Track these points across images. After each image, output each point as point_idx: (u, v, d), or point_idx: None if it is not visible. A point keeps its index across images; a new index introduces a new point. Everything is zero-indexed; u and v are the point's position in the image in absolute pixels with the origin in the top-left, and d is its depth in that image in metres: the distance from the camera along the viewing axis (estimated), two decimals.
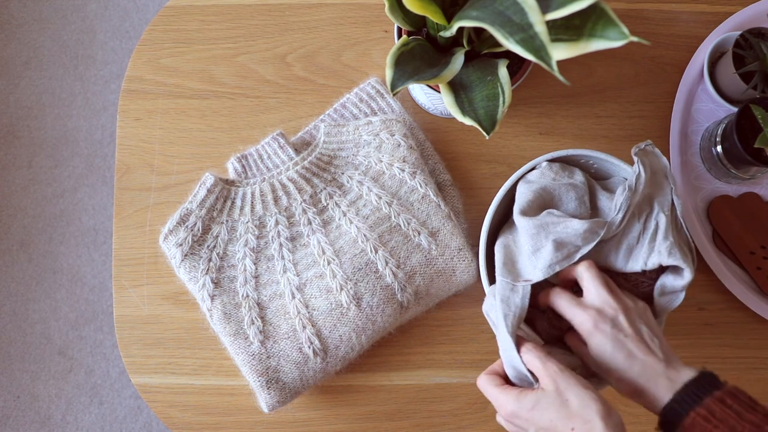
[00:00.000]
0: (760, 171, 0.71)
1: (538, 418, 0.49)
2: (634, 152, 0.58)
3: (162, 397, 0.71)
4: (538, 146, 0.74)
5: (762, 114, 0.65)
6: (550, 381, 0.49)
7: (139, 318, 0.72)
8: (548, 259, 0.56)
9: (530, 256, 0.58)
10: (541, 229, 0.58)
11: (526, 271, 0.58)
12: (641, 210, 0.59)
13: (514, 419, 0.51)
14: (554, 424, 0.48)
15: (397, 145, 0.69)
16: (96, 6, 1.52)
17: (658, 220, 0.58)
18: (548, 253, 0.57)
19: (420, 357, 0.72)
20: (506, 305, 0.56)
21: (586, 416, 0.46)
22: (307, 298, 0.66)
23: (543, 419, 0.48)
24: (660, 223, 0.58)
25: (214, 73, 0.76)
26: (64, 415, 1.41)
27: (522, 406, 0.50)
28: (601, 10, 0.46)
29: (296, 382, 0.65)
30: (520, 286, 0.57)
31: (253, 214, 0.70)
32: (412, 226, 0.68)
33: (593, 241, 0.57)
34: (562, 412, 0.48)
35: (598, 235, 0.57)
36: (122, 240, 0.74)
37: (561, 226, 0.58)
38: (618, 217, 0.58)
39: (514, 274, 0.58)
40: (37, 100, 1.49)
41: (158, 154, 0.75)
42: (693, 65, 0.74)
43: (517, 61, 0.65)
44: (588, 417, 0.46)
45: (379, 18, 0.77)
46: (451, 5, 0.58)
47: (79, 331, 1.42)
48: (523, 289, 0.57)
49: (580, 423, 0.46)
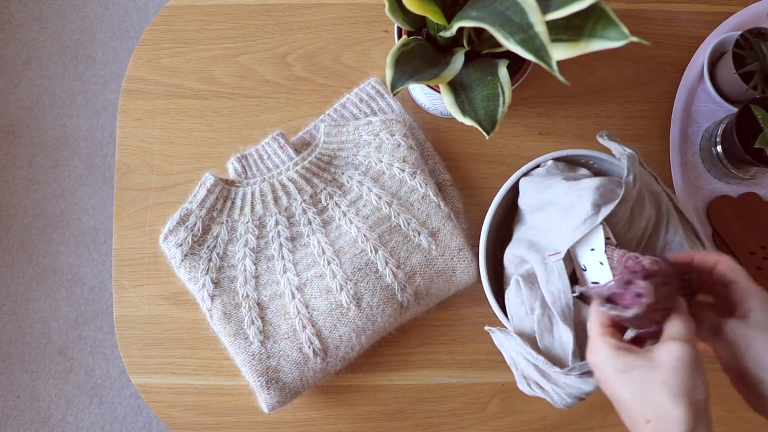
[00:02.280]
0: (760, 171, 0.71)
1: (619, 385, 0.43)
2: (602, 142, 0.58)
3: (162, 397, 0.71)
4: (538, 146, 0.74)
5: (762, 114, 0.65)
6: (669, 352, 0.42)
7: (139, 318, 0.72)
8: (573, 224, 0.55)
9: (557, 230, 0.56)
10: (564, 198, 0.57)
11: (553, 248, 0.57)
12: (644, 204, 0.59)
13: (598, 370, 0.45)
14: (632, 403, 0.42)
15: (397, 145, 0.69)
16: (96, 6, 1.52)
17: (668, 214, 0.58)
18: (572, 219, 0.55)
19: (420, 357, 0.72)
20: (548, 290, 0.54)
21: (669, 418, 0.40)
22: (307, 298, 0.66)
23: (624, 390, 0.42)
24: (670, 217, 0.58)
25: (214, 73, 0.76)
26: (64, 415, 1.41)
27: (613, 363, 0.43)
28: (601, 11, 0.46)
29: (296, 382, 0.65)
30: (553, 264, 0.56)
31: (253, 214, 0.70)
32: (412, 226, 0.68)
33: (613, 200, 0.55)
34: (648, 395, 0.41)
35: (618, 194, 0.55)
36: (122, 240, 0.74)
37: (574, 189, 0.56)
38: (630, 178, 0.56)
39: (541, 253, 0.57)
40: (37, 100, 1.49)
41: (158, 154, 0.75)
42: (693, 65, 0.74)
43: (517, 61, 0.64)
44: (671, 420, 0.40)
45: (379, 18, 0.77)
46: (451, 5, 0.58)
47: (79, 331, 1.42)
48: (557, 266, 0.55)
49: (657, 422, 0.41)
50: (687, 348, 0.42)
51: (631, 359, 0.43)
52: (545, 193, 0.60)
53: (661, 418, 0.40)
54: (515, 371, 0.59)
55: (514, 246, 0.62)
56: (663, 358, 0.42)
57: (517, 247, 0.61)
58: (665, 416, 0.40)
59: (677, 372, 0.41)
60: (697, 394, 0.42)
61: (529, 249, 0.59)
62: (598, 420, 0.71)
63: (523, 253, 0.59)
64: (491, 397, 0.71)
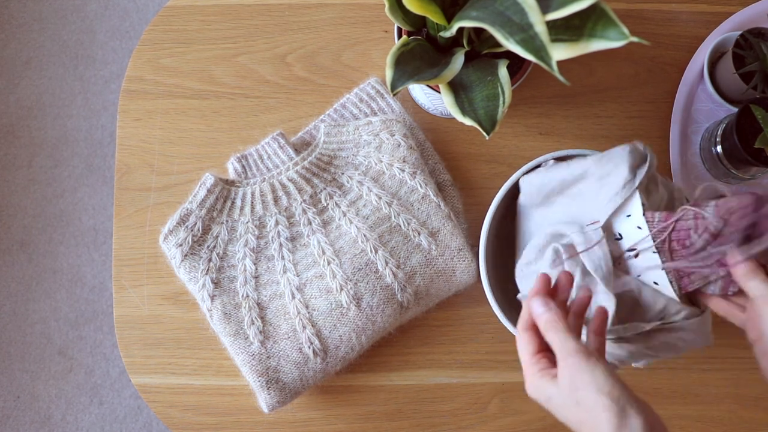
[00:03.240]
0: (760, 171, 0.71)
1: (554, 412, 0.45)
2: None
3: (162, 397, 0.71)
4: (538, 146, 0.74)
5: (762, 114, 0.65)
6: (565, 371, 0.43)
7: (139, 318, 0.72)
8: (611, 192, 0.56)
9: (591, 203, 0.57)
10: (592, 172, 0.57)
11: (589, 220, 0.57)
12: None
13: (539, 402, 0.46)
14: (569, 423, 0.44)
15: (397, 145, 0.69)
16: (96, 6, 1.52)
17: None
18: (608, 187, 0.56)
19: (420, 357, 0.72)
20: (589, 259, 0.55)
21: (595, 421, 0.41)
22: (307, 299, 0.66)
23: (559, 415, 0.44)
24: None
25: (214, 73, 0.76)
26: (64, 415, 1.41)
27: (539, 395, 0.45)
28: (601, 11, 0.46)
29: (296, 383, 0.65)
30: (592, 232, 0.56)
31: (253, 215, 0.70)
32: (412, 226, 0.68)
33: (645, 163, 0.56)
34: (573, 414, 0.43)
35: (644, 168, 0.56)
36: (122, 240, 0.74)
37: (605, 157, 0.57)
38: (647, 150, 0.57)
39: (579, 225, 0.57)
40: (37, 100, 1.49)
41: (158, 154, 0.75)
42: (693, 65, 0.74)
43: (517, 61, 0.64)
44: (597, 423, 0.41)
45: (379, 18, 0.77)
46: (451, 5, 0.58)
47: (79, 331, 1.42)
48: (596, 234, 0.55)
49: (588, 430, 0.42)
50: (570, 347, 0.44)
51: (547, 387, 0.44)
52: (570, 169, 0.60)
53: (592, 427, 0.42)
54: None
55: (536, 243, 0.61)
56: (561, 379, 0.44)
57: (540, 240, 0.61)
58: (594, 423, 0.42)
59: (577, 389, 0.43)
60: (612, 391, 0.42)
61: (566, 225, 0.59)
62: None
63: (559, 228, 0.59)
64: (491, 397, 0.71)
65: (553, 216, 0.62)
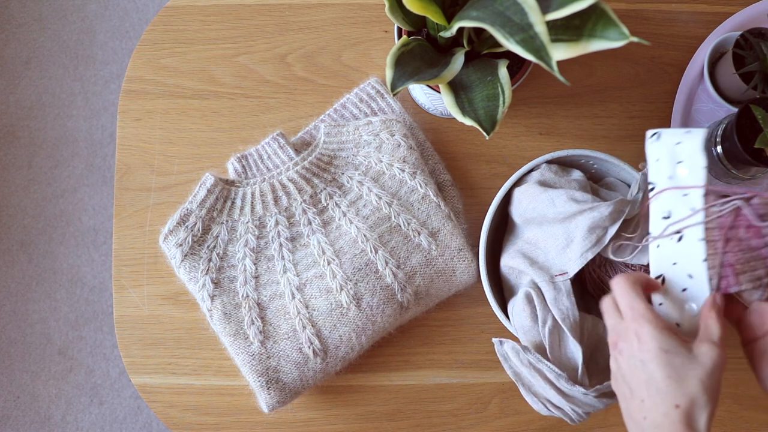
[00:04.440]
0: (760, 171, 0.71)
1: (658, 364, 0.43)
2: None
3: (162, 397, 0.71)
4: (538, 146, 0.74)
5: (762, 114, 0.65)
6: (708, 357, 0.43)
7: (139, 318, 0.72)
8: (581, 248, 0.56)
9: (562, 251, 0.57)
10: (569, 221, 0.58)
11: (557, 267, 0.58)
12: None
13: (638, 341, 0.45)
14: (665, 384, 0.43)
15: (397, 146, 0.69)
16: (96, 6, 1.52)
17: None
18: (579, 242, 0.56)
19: (420, 357, 0.72)
20: (557, 308, 0.56)
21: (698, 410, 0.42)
22: (307, 299, 0.66)
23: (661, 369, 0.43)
24: None
25: (214, 73, 0.76)
26: (64, 415, 1.41)
27: (659, 340, 0.44)
28: (601, 11, 0.46)
29: (296, 383, 0.65)
30: (560, 282, 0.56)
31: (253, 215, 0.70)
32: (412, 226, 0.68)
33: (619, 220, 0.56)
34: (684, 384, 0.42)
35: (624, 213, 0.56)
36: (122, 240, 0.74)
37: (587, 213, 0.57)
38: (639, 195, 0.57)
39: (546, 272, 0.58)
40: (37, 100, 1.49)
41: (158, 154, 0.75)
42: (693, 65, 0.74)
43: (517, 61, 0.65)
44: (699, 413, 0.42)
45: (379, 18, 0.77)
46: (451, 5, 0.58)
47: (79, 331, 1.42)
48: (564, 285, 0.56)
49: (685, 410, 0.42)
50: (723, 354, 0.44)
51: (675, 343, 0.44)
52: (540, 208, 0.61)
53: (689, 410, 0.42)
54: (521, 388, 0.59)
55: (511, 256, 0.62)
56: (703, 358, 0.43)
57: (513, 258, 0.62)
58: (694, 409, 0.42)
59: (714, 375, 0.43)
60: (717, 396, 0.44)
61: (532, 266, 0.59)
62: (598, 420, 0.71)
63: (525, 268, 0.60)
64: (491, 397, 0.71)
65: (530, 235, 0.62)
